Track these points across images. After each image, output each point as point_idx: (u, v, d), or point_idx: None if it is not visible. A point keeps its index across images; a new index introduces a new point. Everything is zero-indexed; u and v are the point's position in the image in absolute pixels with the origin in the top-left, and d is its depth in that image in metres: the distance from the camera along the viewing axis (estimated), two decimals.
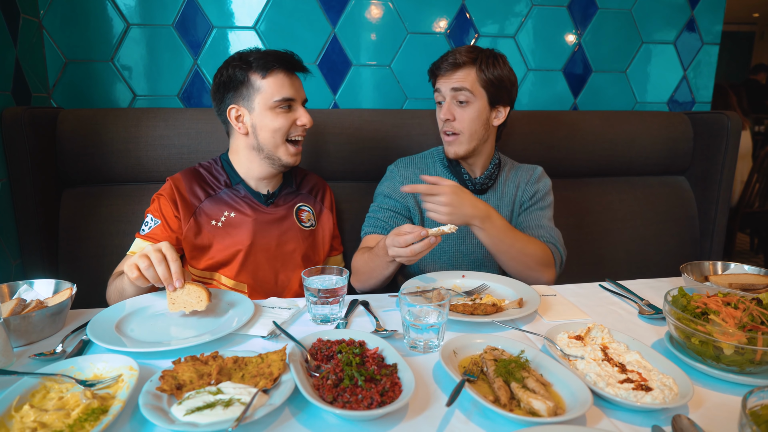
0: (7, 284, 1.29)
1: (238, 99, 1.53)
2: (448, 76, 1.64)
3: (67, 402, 0.88)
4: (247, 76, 1.51)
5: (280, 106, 1.52)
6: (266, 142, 1.54)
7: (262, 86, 1.51)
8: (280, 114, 1.53)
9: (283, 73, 1.52)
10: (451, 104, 1.65)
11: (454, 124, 1.65)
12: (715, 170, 2.31)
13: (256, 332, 1.18)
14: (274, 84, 1.51)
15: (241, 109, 1.54)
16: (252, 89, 1.51)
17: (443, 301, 1.11)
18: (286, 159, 1.57)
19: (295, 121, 1.55)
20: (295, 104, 1.55)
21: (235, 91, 1.53)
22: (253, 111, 1.53)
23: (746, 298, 1.11)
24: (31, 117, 1.77)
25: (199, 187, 1.61)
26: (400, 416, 0.89)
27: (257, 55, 1.52)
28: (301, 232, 1.68)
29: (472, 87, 1.62)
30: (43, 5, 2.01)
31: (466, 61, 1.63)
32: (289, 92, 1.52)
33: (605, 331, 1.13)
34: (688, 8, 2.54)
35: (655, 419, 0.89)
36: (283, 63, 1.52)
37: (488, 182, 1.75)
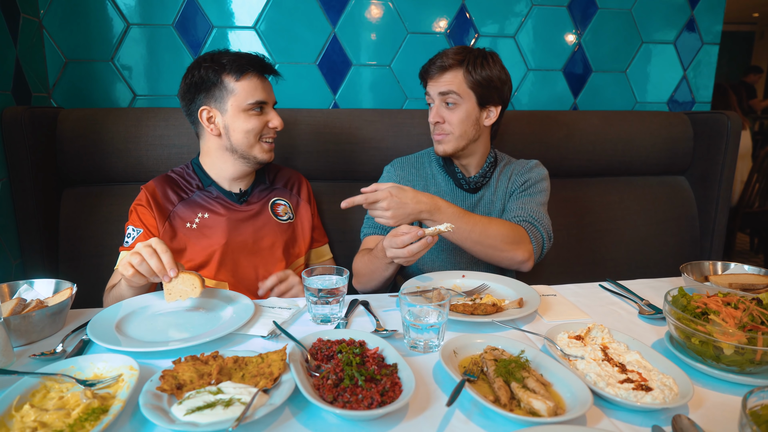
0: (8, 284, 1.29)
1: (209, 100, 1.54)
2: (436, 79, 1.65)
3: (67, 402, 0.88)
4: (220, 77, 1.51)
5: (253, 108, 1.53)
6: (239, 142, 1.55)
7: (236, 89, 1.51)
8: (252, 116, 1.54)
9: (256, 77, 1.54)
10: (439, 107, 1.66)
11: (443, 126, 1.66)
12: (715, 170, 2.31)
13: (256, 332, 1.18)
14: (247, 87, 1.52)
15: (213, 110, 1.54)
16: (225, 91, 1.52)
17: (443, 301, 1.11)
18: (261, 156, 1.59)
19: (267, 123, 1.57)
20: (266, 107, 1.57)
21: (207, 92, 1.53)
22: (225, 113, 1.53)
23: (746, 298, 1.11)
24: (31, 116, 1.77)
25: (172, 192, 1.62)
26: (401, 416, 0.89)
27: (230, 57, 1.53)
28: (278, 225, 1.69)
29: (459, 89, 1.62)
30: (43, 5, 2.01)
31: (453, 63, 1.63)
32: (262, 95, 1.54)
33: (605, 331, 1.13)
34: (688, 8, 2.54)
35: (655, 419, 0.89)
36: (257, 66, 1.54)
37: (483, 180, 1.76)
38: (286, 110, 2.05)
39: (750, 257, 5.17)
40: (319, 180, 2.07)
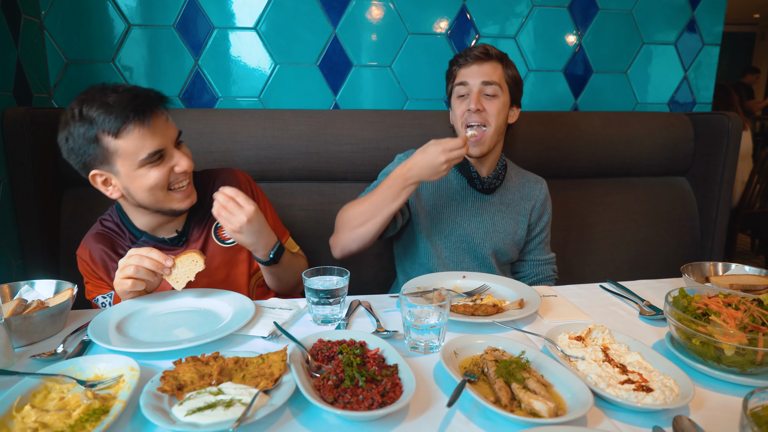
0: (9, 284, 1.29)
1: (96, 164, 1.31)
2: (478, 65, 1.65)
3: (68, 402, 0.88)
4: (96, 138, 1.27)
5: (148, 162, 1.30)
6: (146, 200, 1.35)
7: (119, 147, 1.27)
8: (151, 169, 1.31)
9: (138, 125, 1.27)
10: (480, 95, 1.65)
11: (483, 115, 1.64)
12: (715, 171, 2.31)
13: (256, 333, 1.18)
14: (132, 142, 1.27)
15: (104, 173, 1.32)
16: (108, 153, 1.28)
17: (444, 301, 1.11)
18: (177, 206, 1.40)
19: (173, 168, 1.35)
20: (166, 152, 1.34)
21: (90, 158, 1.30)
22: (119, 174, 1.32)
23: (747, 299, 1.11)
24: (32, 117, 1.77)
25: (109, 251, 1.45)
26: (401, 417, 0.89)
27: (99, 111, 1.26)
28: (226, 251, 1.53)
29: (500, 81, 1.65)
30: (44, 6, 2.02)
31: (497, 54, 1.67)
32: (153, 145, 1.30)
33: (606, 331, 1.13)
34: (688, 9, 2.54)
35: (656, 420, 0.89)
36: (135, 115, 1.27)
37: (495, 182, 1.77)
38: (287, 111, 2.06)
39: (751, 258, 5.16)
40: (319, 181, 2.08)
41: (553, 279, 1.89)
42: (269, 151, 2.01)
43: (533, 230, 1.84)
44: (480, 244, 1.74)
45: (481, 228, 1.74)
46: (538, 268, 1.87)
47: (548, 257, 1.88)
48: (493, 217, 1.76)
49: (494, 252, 1.76)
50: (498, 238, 1.75)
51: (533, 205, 1.82)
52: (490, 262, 1.76)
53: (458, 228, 1.74)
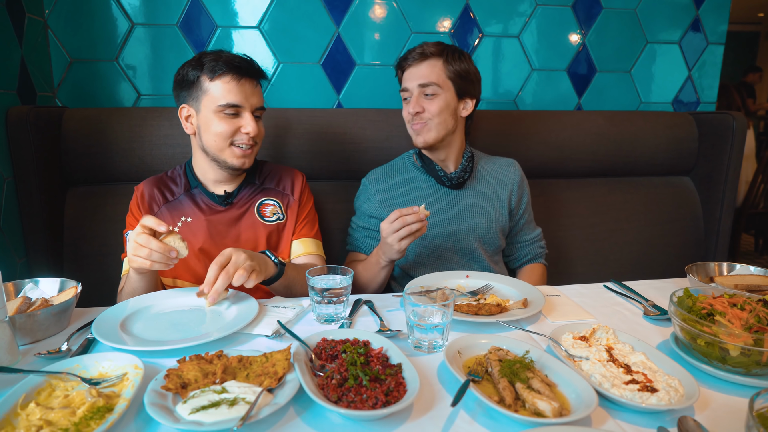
0: (13, 282, 1.29)
1: (188, 99, 1.52)
2: (416, 66, 1.67)
3: (72, 400, 0.89)
4: (198, 77, 1.49)
5: (224, 111, 1.48)
6: (209, 144, 1.52)
7: (209, 89, 1.48)
8: (224, 119, 1.49)
9: (231, 78, 1.48)
10: (419, 98, 1.67)
11: (423, 115, 1.68)
12: (719, 170, 2.30)
13: (260, 331, 1.18)
14: (221, 88, 1.48)
15: (190, 109, 1.53)
16: (200, 91, 1.49)
17: (447, 301, 1.11)
18: (231, 161, 1.54)
19: (240, 129, 1.51)
20: (242, 111, 1.51)
21: (187, 91, 1.52)
22: (199, 112, 1.51)
23: (752, 299, 1.10)
24: (36, 116, 1.77)
25: (159, 193, 1.61)
26: (405, 416, 0.89)
27: (211, 57, 1.49)
28: (263, 227, 1.64)
29: (438, 79, 1.66)
30: (48, 5, 2.02)
31: (434, 52, 1.67)
32: (235, 98, 1.48)
33: (610, 331, 1.13)
34: (693, 8, 2.53)
35: (660, 420, 0.89)
36: (233, 68, 1.48)
37: (464, 175, 1.77)
38: (290, 110, 2.05)
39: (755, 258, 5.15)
40: (322, 180, 2.07)
41: (543, 255, 1.93)
42: (272, 150, 2.01)
43: (516, 214, 1.87)
44: (464, 239, 1.75)
45: (462, 224, 1.76)
46: (526, 249, 1.91)
47: (534, 235, 1.92)
48: (471, 209, 1.77)
49: (481, 244, 1.77)
50: (482, 229, 1.77)
51: (511, 189, 1.84)
52: (480, 256, 1.76)
53: (438, 229, 1.75)
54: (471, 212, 1.76)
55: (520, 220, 1.88)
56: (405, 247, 1.46)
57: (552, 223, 2.18)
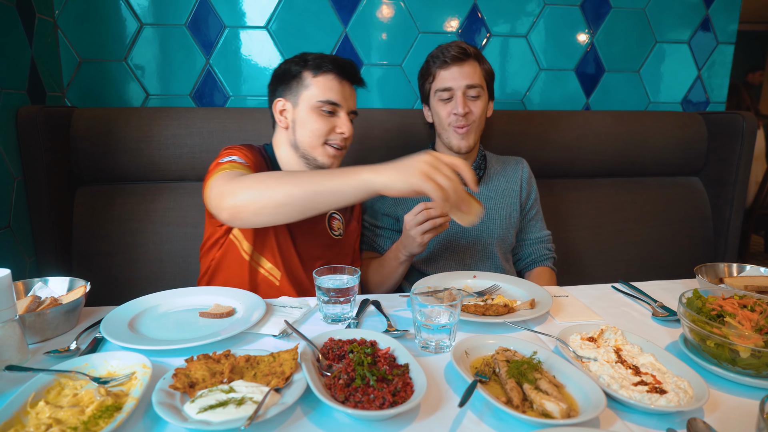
0: (22, 281, 1.30)
1: (286, 92, 1.53)
2: (458, 66, 1.65)
3: (81, 399, 0.89)
4: (300, 72, 1.50)
5: (322, 107, 1.49)
6: (303, 140, 1.51)
7: (311, 84, 1.49)
8: (321, 116, 1.50)
9: (333, 77, 1.50)
10: (465, 98, 1.66)
11: (469, 117, 1.67)
12: (729, 171, 2.29)
13: (267, 331, 1.18)
14: (322, 85, 1.49)
15: (286, 103, 1.53)
16: (301, 85, 1.50)
17: (455, 301, 1.10)
18: (322, 159, 1.53)
19: (335, 128, 1.52)
20: (339, 110, 1.52)
21: (286, 84, 1.52)
22: (296, 106, 1.51)
23: (763, 300, 1.09)
24: (45, 116, 1.79)
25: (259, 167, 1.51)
26: (412, 416, 0.89)
27: (316, 56, 1.52)
28: (329, 239, 1.65)
29: (480, 81, 1.67)
30: (58, 5, 2.03)
31: (473, 52, 1.68)
32: (335, 96, 1.50)
33: (618, 332, 1.12)
34: (702, 7, 2.51)
35: (669, 422, 0.88)
36: (338, 67, 1.51)
37: (478, 173, 1.80)
38: None
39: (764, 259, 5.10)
40: None
41: (550, 258, 1.90)
42: None
43: (524, 209, 1.88)
44: (478, 236, 1.76)
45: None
46: (532, 248, 1.89)
47: (541, 235, 1.91)
48: (485, 206, 1.78)
49: (495, 240, 1.78)
50: (495, 226, 1.78)
51: (520, 185, 1.85)
52: (494, 252, 1.77)
53: (452, 226, 1.74)
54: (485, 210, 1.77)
55: (527, 215, 1.89)
56: (427, 241, 1.47)
57: (560, 223, 2.17)
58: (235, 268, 1.52)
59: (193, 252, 1.92)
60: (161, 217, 1.94)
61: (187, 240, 1.93)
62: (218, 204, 1.28)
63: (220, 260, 1.54)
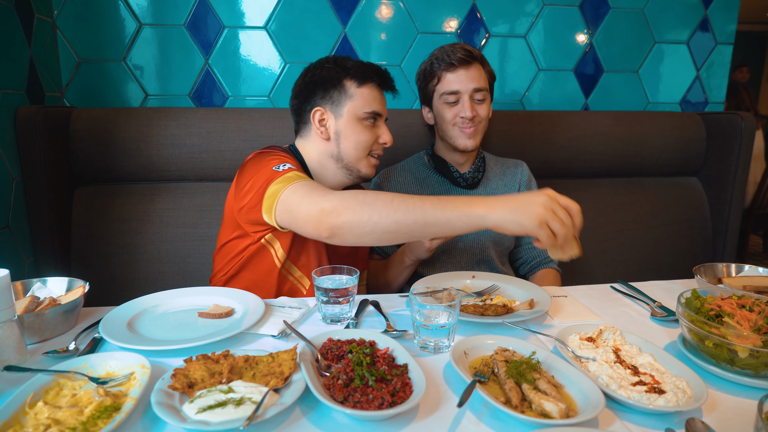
0: (21, 282, 1.30)
1: (326, 102, 1.47)
2: (465, 69, 1.65)
3: (80, 399, 0.89)
4: (341, 80, 1.46)
5: (368, 118, 1.47)
6: (348, 152, 1.48)
7: (355, 95, 1.45)
8: (366, 127, 1.47)
9: (376, 88, 1.49)
10: (471, 101, 1.66)
11: (475, 120, 1.68)
12: (728, 171, 2.29)
13: (266, 331, 1.18)
14: (367, 95, 1.46)
15: (326, 113, 1.47)
16: (344, 95, 1.45)
17: (454, 301, 1.11)
18: (366, 171, 1.52)
19: (378, 139, 1.51)
20: (380, 120, 1.52)
21: (324, 92, 1.47)
22: (340, 117, 1.46)
23: (761, 300, 1.09)
24: (44, 116, 1.78)
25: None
26: (411, 417, 0.89)
27: (354, 63, 1.49)
28: (350, 246, 1.63)
29: (485, 84, 1.67)
30: (56, 5, 2.03)
31: (478, 55, 1.69)
32: (379, 107, 1.49)
33: (617, 333, 1.13)
34: (701, 7, 2.51)
35: (668, 422, 0.88)
36: (380, 76, 1.49)
37: (477, 176, 1.78)
38: None
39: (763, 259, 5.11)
40: None
41: (555, 260, 1.89)
42: None
43: None
44: (475, 239, 1.75)
45: None
46: (534, 251, 1.88)
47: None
48: None
49: (491, 244, 1.77)
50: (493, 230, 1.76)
51: (518, 189, 1.85)
52: (490, 256, 1.77)
53: None
54: None
55: None
56: (435, 247, 1.50)
57: None
58: (263, 272, 1.48)
59: (192, 252, 1.92)
60: (160, 218, 1.94)
61: (186, 240, 1.93)
62: (320, 220, 1.19)
63: (245, 263, 1.48)
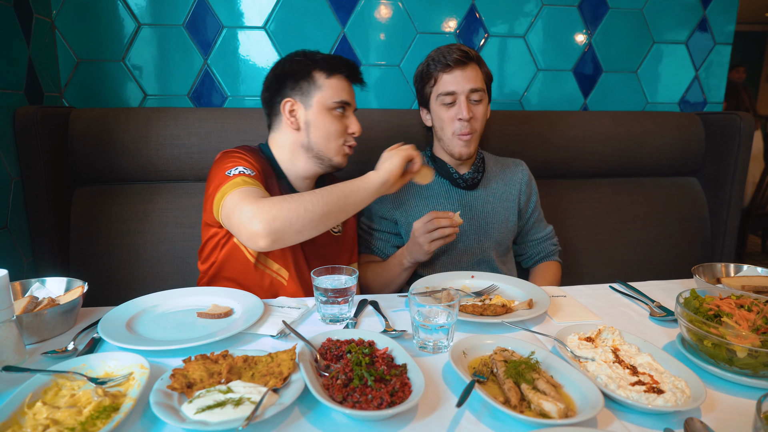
0: (20, 282, 1.30)
1: (295, 93, 1.51)
2: (461, 70, 1.64)
3: (79, 399, 0.89)
4: (310, 72, 1.51)
5: (337, 108, 1.51)
6: (318, 141, 1.52)
7: (324, 85, 1.50)
8: (335, 117, 1.52)
9: (345, 79, 1.54)
10: (468, 103, 1.65)
11: (471, 123, 1.66)
12: (726, 171, 2.29)
13: (265, 331, 1.18)
14: (335, 86, 1.51)
15: (296, 103, 1.52)
16: (313, 86, 1.50)
17: (453, 301, 1.11)
18: (337, 160, 1.56)
19: (347, 128, 1.55)
20: (348, 109, 1.56)
21: (294, 84, 1.51)
22: (309, 108, 1.51)
23: (760, 300, 1.10)
24: (43, 116, 1.78)
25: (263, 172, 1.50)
26: (410, 417, 0.89)
27: (323, 56, 1.54)
28: (330, 237, 1.66)
29: (482, 85, 1.66)
30: (55, 5, 2.03)
31: (474, 56, 1.67)
32: (347, 96, 1.53)
33: (616, 332, 1.13)
34: (700, 8, 2.52)
35: (667, 422, 0.88)
36: (348, 68, 1.54)
37: (477, 176, 1.78)
38: None
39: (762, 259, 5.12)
40: None
41: (556, 252, 1.93)
42: None
43: (525, 213, 1.88)
44: (475, 239, 1.75)
45: (473, 224, 1.76)
46: (539, 247, 1.91)
47: (545, 233, 1.93)
48: (483, 210, 1.78)
49: (491, 244, 1.77)
50: (492, 230, 1.77)
51: (519, 189, 1.85)
52: (489, 256, 1.77)
53: None
54: (482, 213, 1.77)
55: (529, 219, 1.89)
56: (434, 250, 1.50)
57: (558, 223, 2.17)
58: (239, 270, 1.51)
59: (192, 252, 1.92)
60: (159, 218, 1.94)
61: (185, 240, 1.93)
62: (252, 231, 1.25)
63: (222, 263, 1.52)
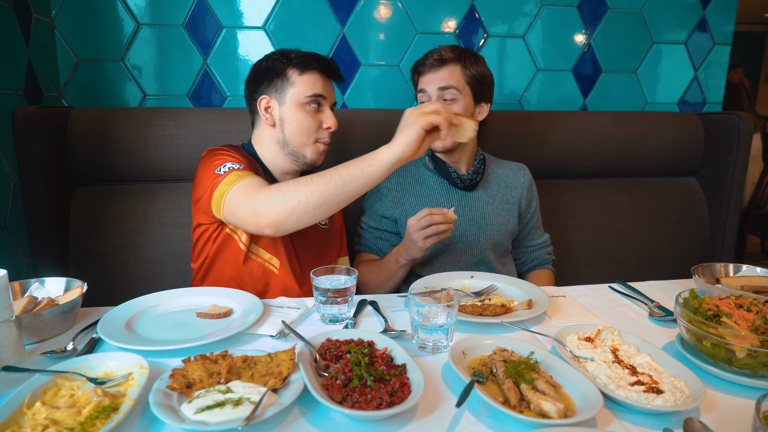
0: (19, 282, 1.30)
1: (271, 90, 1.55)
2: (434, 72, 1.67)
3: (78, 399, 0.89)
4: (285, 69, 1.53)
5: (310, 103, 1.53)
6: (292, 137, 1.55)
7: (297, 81, 1.52)
8: (309, 112, 1.54)
9: (318, 74, 1.55)
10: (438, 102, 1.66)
11: None
12: (726, 171, 2.29)
13: (265, 331, 1.18)
14: (308, 81, 1.53)
15: (272, 100, 1.55)
16: (287, 83, 1.53)
17: (452, 301, 1.11)
18: (311, 157, 1.58)
19: (322, 123, 1.56)
20: (324, 104, 1.57)
21: (269, 81, 1.54)
22: (283, 104, 1.54)
23: (759, 300, 1.10)
24: (42, 116, 1.78)
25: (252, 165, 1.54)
26: (410, 417, 0.89)
27: (298, 54, 1.56)
28: (317, 229, 1.69)
29: (457, 84, 1.66)
30: (54, 5, 2.03)
31: (452, 57, 1.66)
32: (321, 90, 1.54)
33: (615, 333, 1.13)
34: (699, 8, 2.52)
35: (666, 422, 0.88)
36: (322, 65, 1.56)
37: (476, 177, 1.78)
38: None
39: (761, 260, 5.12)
40: None
41: (550, 261, 1.94)
42: None
43: (524, 217, 1.88)
44: (474, 240, 1.75)
45: (472, 225, 1.76)
46: (534, 254, 1.91)
47: (542, 241, 1.93)
48: (482, 211, 1.78)
49: (490, 245, 1.77)
50: (491, 231, 1.77)
51: (521, 193, 1.85)
52: (488, 257, 1.77)
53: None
54: (482, 214, 1.77)
55: (528, 224, 1.89)
56: (428, 246, 1.50)
57: (557, 223, 2.18)
58: (230, 260, 1.54)
59: None
60: (158, 218, 1.93)
61: (185, 240, 1.93)
62: (257, 221, 1.32)
63: (215, 256, 1.55)
